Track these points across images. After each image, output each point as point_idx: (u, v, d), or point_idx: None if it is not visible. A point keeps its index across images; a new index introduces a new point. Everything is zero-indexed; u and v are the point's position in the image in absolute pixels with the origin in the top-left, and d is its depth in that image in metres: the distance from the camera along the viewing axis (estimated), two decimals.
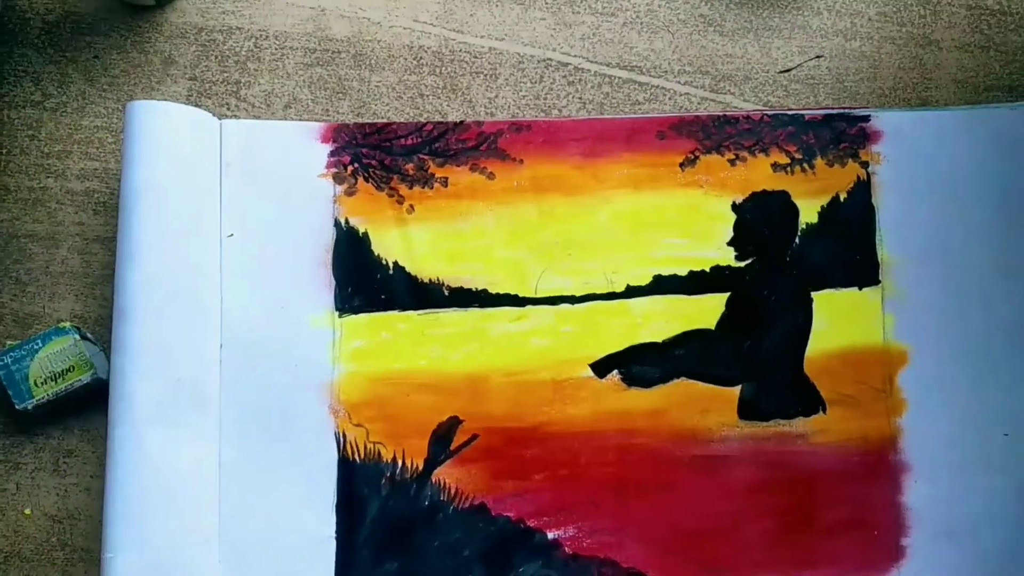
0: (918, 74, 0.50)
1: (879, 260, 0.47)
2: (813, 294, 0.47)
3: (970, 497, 0.45)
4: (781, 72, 0.50)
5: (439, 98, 0.49)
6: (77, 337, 0.45)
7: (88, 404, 0.46)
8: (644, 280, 0.47)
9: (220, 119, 0.47)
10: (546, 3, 0.50)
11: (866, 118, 0.48)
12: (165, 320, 0.43)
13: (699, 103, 0.49)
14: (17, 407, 0.45)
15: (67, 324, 0.46)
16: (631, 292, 0.46)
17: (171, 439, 0.43)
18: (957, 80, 0.50)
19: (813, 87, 0.49)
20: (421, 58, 0.49)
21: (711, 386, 0.46)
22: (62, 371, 0.45)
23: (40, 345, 0.45)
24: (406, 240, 0.47)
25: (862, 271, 0.47)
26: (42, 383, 0.45)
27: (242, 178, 0.46)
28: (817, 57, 0.50)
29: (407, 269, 0.47)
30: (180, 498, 0.43)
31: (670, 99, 0.49)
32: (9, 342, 0.46)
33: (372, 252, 0.47)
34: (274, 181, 0.47)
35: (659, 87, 0.49)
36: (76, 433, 0.47)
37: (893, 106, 0.49)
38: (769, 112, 0.48)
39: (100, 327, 0.47)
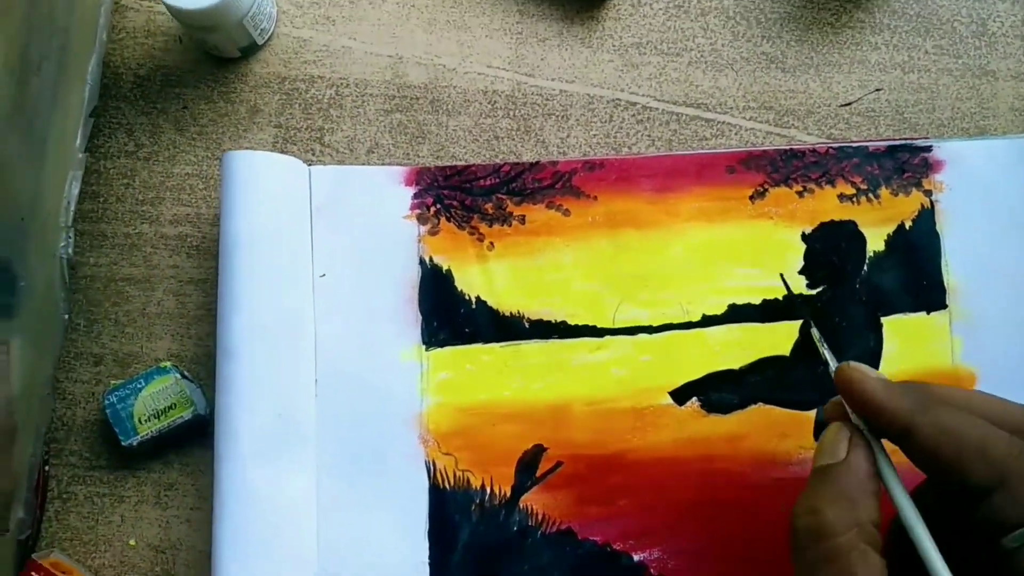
0: (975, 104, 0.51)
1: (945, 285, 0.48)
2: (883, 319, 0.48)
3: None
4: (842, 106, 0.51)
5: (513, 139, 0.51)
6: (178, 376, 0.47)
7: (187, 439, 0.48)
8: (719, 309, 0.48)
9: (308, 165, 0.49)
10: (613, 46, 0.52)
11: (928, 148, 0.49)
12: (266, 359, 0.45)
13: (764, 137, 0.51)
14: (123, 443, 0.47)
15: (168, 364, 0.48)
16: (707, 321, 0.48)
17: (273, 472, 0.45)
18: (1014, 108, 0.51)
19: (874, 119, 0.51)
20: (495, 102, 0.52)
21: (787, 410, 0.47)
22: (164, 409, 0.47)
23: (143, 384, 0.47)
24: (487, 276, 0.49)
25: (929, 296, 0.48)
26: (146, 420, 0.47)
27: (331, 221, 0.49)
28: (876, 90, 0.52)
29: (489, 303, 0.49)
30: (282, 528, 0.45)
31: (736, 134, 0.51)
32: (113, 381, 0.49)
33: (455, 288, 0.49)
34: (362, 223, 0.49)
35: (725, 123, 0.51)
36: (176, 467, 0.49)
37: (952, 136, 0.51)
38: (834, 145, 0.50)
39: (196, 365, 0.50)
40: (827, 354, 0.40)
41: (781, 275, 0.48)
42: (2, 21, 0.40)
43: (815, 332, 0.42)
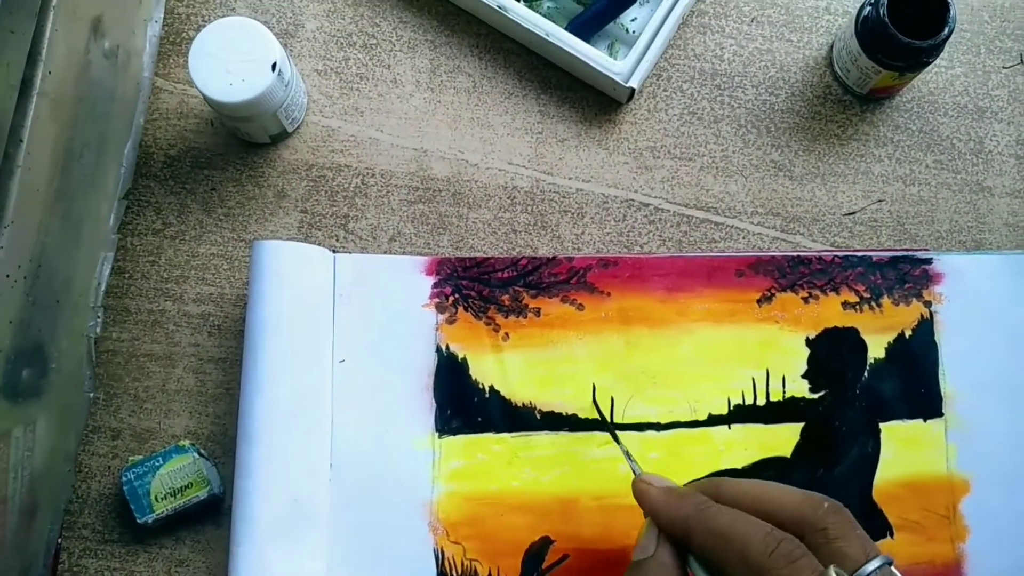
0: (972, 218, 0.54)
1: (942, 394, 0.50)
2: (881, 425, 0.50)
3: None
4: (846, 214, 0.54)
5: (530, 234, 0.53)
6: (196, 455, 0.48)
7: (200, 516, 0.49)
8: (724, 409, 0.50)
9: (333, 252, 0.51)
10: (629, 149, 0.54)
11: (928, 260, 0.52)
12: (285, 444, 0.47)
13: (771, 242, 0.53)
14: (138, 521, 0.48)
15: (186, 443, 0.49)
16: (712, 421, 0.50)
17: (288, 555, 0.46)
18: (1008, 224, 0.54)
19: (876, 229, 0.54)
20: (514, 197, 0.54)
21: None
22: (181, 487, 0.48)
23: (161, 462, 0.48)
24: (501, 366, 0.50)
25: (926, 404, 0.50)
26: (162, 498, 0.48)
27: (353, 307, 0.50)
28: (879, 201, 0.54)
29: (502, 393, 0.50)
30: None
31: (744, 238, 0.53)
32: (131, 457, 0.49)
33: (470, 377, 0.50)
34: (382, 310, 0.50)
35: (733, 227, 0.53)
36: (188, 544, 0.49)
37: (950, 248, 0.53)
38: (839, 253, 0.52)
39: (212, 443, 0.51)
40: (632, 466, 0.44)
41: (594, 400, 0.50)
42: (56, 112, 0.41)
43: (621, 446, 0.46)
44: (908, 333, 0.51)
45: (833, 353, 0.51)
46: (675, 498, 0.39)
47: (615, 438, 0.47)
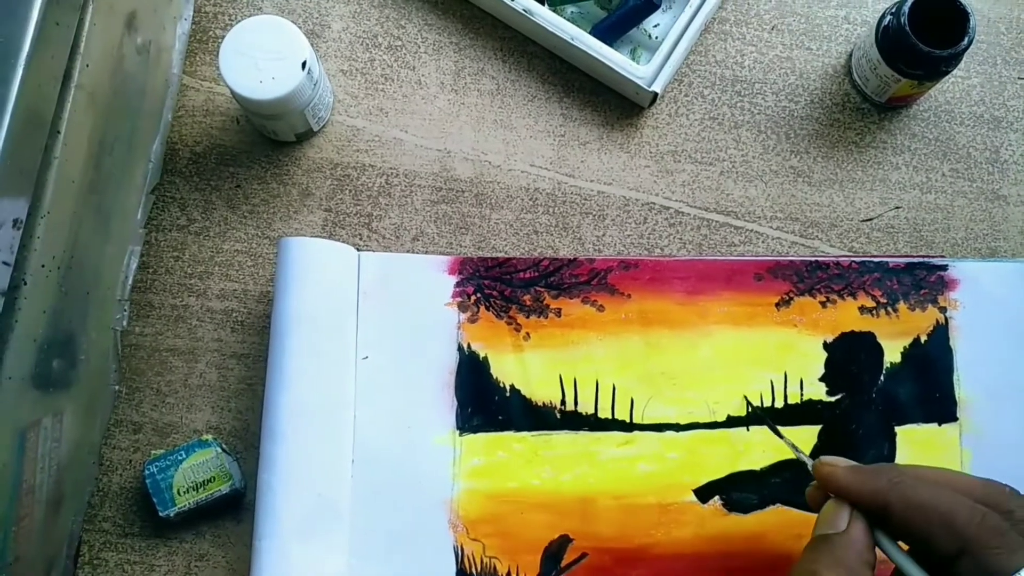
0: (988, 226, 0.55)
1: (957, 399, 0.51)
2: (897, 428, 0.50)
3: None
4: (864, 221, 0.54)
5: (552, 235, 0.54)
6: (219, 450, 0.49)
7: (221, 511, 0.49)
8: (743, 411, 0.50)
9: (357, 250, 0.51)
10: (650, 152, 0.55)
11: (944, 267, 0.52)
12: (309, 440, 0.47)
13: (789, 247, 0.54)
14: (160, 514, 0.48)
15: (209, 437, 0.49)
16: (731, 422, 0.50)
17: (310, 551, 0.46)
18: (1023, 232, 0.54)
19: (892, 235, 0.54)
20: (536, 199, 0.54)
21: (804, 512, 0.49)
22: (204, 481, 0.48)
23: (184, 456, 0.49)
24: (522, 365, 0.51)
25: (941, 408, 0.51)
26: (184, 492, 0.48)
27: (377, 305, 0.51)
28: (896, 208, 0.55)
29: (523, 392, 0.50)
30: None
31: (763, 242, 0.54)
32: (153, 452, 0.50)
33: (491, 375, 0.51)
34: (405, 308, 0.51)
35: (753, 231, 0.54)
36: (208, 538, 0.50)
37: (965, 255, 0.54)
38: (856, 259, 0.52)
39: (233, 438, 0.51)
40: (801, 456, 0.44)
41: (752, 412, 0.50)
42: (91, 105, 0.42)
43: (786, 439, 0.46)
44: (924, 338, 0.52)
45: (850, 357, 0.51)
46: (868, 475, 0.39)
47: (777, 433, 0.46)
